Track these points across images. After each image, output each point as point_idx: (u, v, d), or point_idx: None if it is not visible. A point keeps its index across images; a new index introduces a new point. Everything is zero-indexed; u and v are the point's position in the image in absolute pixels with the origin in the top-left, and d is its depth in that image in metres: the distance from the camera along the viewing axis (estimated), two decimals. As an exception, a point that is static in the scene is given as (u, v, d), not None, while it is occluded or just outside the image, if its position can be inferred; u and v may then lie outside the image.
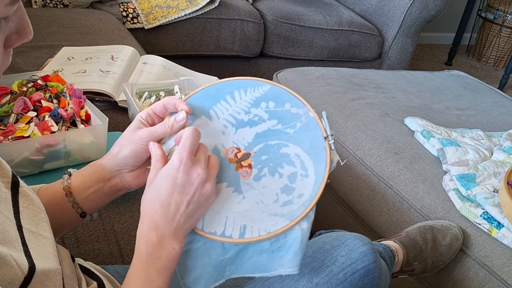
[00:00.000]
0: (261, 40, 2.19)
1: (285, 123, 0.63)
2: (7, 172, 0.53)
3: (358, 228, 1.38)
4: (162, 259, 0.54)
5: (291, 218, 0.59)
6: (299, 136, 0.62)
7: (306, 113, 0.63)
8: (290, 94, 0.64)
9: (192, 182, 0.55)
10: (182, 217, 0.55)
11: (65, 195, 0.62)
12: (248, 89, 0.65)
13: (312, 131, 0.62)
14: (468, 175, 1.16)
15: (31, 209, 0.53)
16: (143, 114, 0.62)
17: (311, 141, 0.62)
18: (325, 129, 0.62)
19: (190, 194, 0.56)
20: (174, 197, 0.55)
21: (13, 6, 0.39)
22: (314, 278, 0.75)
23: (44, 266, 0.47)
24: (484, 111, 1.62)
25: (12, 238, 0.46)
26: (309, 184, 0.60)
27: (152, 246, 0.53)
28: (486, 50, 3.54)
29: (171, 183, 0.55)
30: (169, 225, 0.55)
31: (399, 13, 2.30)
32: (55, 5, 1.89)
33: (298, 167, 0.61)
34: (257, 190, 0.60)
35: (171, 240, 0.54)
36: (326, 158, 0.61)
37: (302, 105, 0.64)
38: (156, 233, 0.54)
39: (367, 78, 1.71)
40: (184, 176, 0.55)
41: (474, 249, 1.06)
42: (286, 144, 0.62)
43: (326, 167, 0.60)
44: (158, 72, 1.35)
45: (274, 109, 0.64)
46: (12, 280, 0.41)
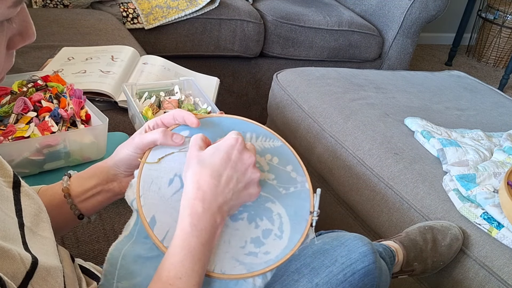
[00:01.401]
0: (261, 40, 2.19)
1: (280, 182, 0.63)
2: (8, 171, 0.53)
3: (358, 229, 1.38)
4: (206, 232, 0.53)
5: (249, 270, 0.58)
6: (288, 200, 0.62)
7: (303, 182, 0.64)
8: (295, 159, 0.65)
9: (244, 162, 0.56)
10: (230, 192, 0.55)
11: (63, 196, 0.62)
12: (261, 137, 0.65)
13: (301, 201, 0.62)
14: (468, 175, 1.16)
15: (33, 208, 0.53)
16: (151, 123, 0.62)
17: (296, 209, 0.62)
18: (314, 205, 0.62)
19: (241, 172, 0.56)
20: (227, 170, 0.55)
21: (16, 8, 0.39)
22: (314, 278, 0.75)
23: (46, 262, 0.47)
24: (484, 111, 1.62)
25: (14, 236, 0.46)
26: (279, 246, 0.59)
27: (197, 217, 0.52)
28: (486, 51, 3.54)
29: (225, 156, 0.55)
30: (217, 197, 0.54)
31: (399, 14, 2.30)
32: (55, 5, 1.89)
33: (276, 226, 0.61)
34: (229, 230, 0.60)
35: (215, 213, 0.54)
36: (304, 230, 0.61)
37: (303, 173, 0.64)
38: (203, 204, 0.53)
39: (367, 79, 1.71)
40: (238, 154, 0.56)
41: (474, 249, 1.06)
42: (274, 201, 0.62)
43: (300, 238, 0.60)
44: (158, 73, 1.35)
45: (276, 166, 0.64)
46: (14, 274, 0.41)
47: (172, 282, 0.50)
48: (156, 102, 1.14)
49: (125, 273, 0.57)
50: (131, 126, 1.18)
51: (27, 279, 0.43)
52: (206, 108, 1.14)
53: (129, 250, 0.58)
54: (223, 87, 2.22)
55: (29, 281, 0.43)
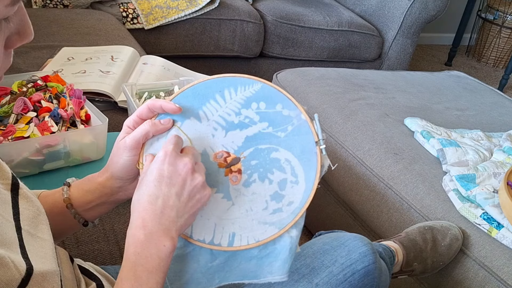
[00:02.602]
0: (261, 40, 2.19)
1: (276, 126, 0.61)
2: (7, 174, 0.53)
3: (358, 229, 1.38)
4: (152, 258, 0.50)
5: (280, 227, 0.58)
6: (290, 140, 0.61)
7: (297, 115, 0.61)
8: (282, 94, 0.62)
9: (179, 173, 0.53)
10: (173, 210, 0.52)
11: (66, 206, 0.62)
12: (238, 87, 0.61)
13: (303, 135, 0.61)
14: (468, 175, 1.16)
15: (31, 210, 0.53)
16: (130, 122, 0.59)
17: (302, 146, 0.60)
18: (317, 133, 0.61)
19: (179, 185, 0.53)
20: (162, 189, 0.52)
21: (13, 7, 0.39)
22: (314, 279, 0.75)
23: (42, 267, 0.46)
24: (483, 111, 1.62)
25: (10, 240, 0.46)
26: (299, 191, 0.59)
27: (140, 245, 0.50)
28: (486, 51, 3.54)
29: (157, 175, 0.52)
30: (158, 220, 0.51)
31: (399, 14, 2.30)
32: (55, 5, 1.89)
33: (289, 173, 0.60)
34: (246, 197, 0.59)
35: (161, 237, 0.51)
36: (316, 164, 0.60)
37: (294, 106, 0.61)
38: (144, 231, 0.51)
39: (367, 79, 1.71)
40: (170, 166, 0.53)
41: (474, 249, 1.06)
42: (277, 148, 0.61)
43: (316, 173, 0.59)
44: (158, 73, 1.35)
45: (265, 111, 0.61)
46: (9, 282, 0.41)
47: None
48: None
49: (173, 275, 0.58)
50: (131, 126, 1.17)
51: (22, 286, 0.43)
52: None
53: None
54: (223, 87, 2.22)
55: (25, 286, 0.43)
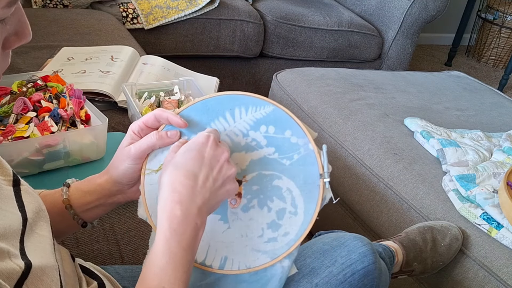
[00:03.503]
0: (261, 40, 2.19)
1: (282, 152, 0.59)
2: (8, 170, 0.53)
3: (357, 229, 1.38)
4: (187, 236, 0.50)
5: (273, 257, 0.57)
6: (295, 169, 0.59)
7: (305, 144, 0.59)
8: (292, 120, 0.60)
9: (218, 159, 0.54)
10: (207, 192, 0.52)
11: (65, 207, 0.62)
12: (250, 107, 0.60)
13: (308, 166, 0.59)
14: (467, 175, 1.16)
15: (34, 204, 0.53)
16: (135, 127, 0.59)
17: (305, 177, 0.59)
18: (323, 165, 0.59)
19: (216, 170, 0.53)
20: (201, 169, 0.52)
21: (10, 9, 0.38)
22: (314, 279, 0.75)
23: (40, 262, 0.47)
24: (483, 111, 1.62)
25: (14, 233, 0.46)
26: (296, 223, 0.58)
27: (176, 221, 0.50)
28: (485, 51, 3.54)
29: (198, 155, 0.53)
30: (194, 198, 0.51)
31: (399, 14, 2.30)
32: (55, 5, 1.89)
33: (288, 203, 0.58)
34: (243, 222, 0.58)
35: (195, 215, 0.51)
36: (318, 197, 0.58)
37: (303, 134, 0.59)
38: (181, 206, 0.50)
39: (366, 79, 1.71)
40: (211, 151, 0.54)
41: (474, 249, 1.06)
42: (280, 176, 0.59)
43: (316, 207, 0.58)
44: (158, 73, 1.35)
45: (274, 136, 0.60)
46: (10, 275, 0.41)
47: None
48: (155, 102, 1.14)
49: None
50: (130, 126, 1.18)
51: (22, 279, 0.43)
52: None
53: None
54: (223, 87, 2.21)
55: (24, 281, 0.43)
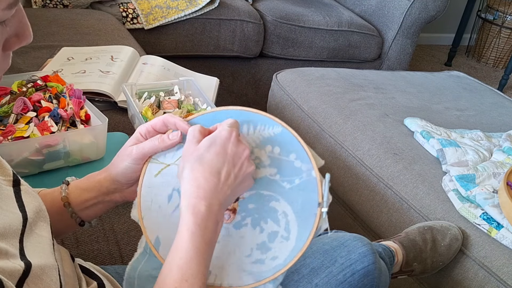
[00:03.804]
0: (261, 40, 2.19)
1: (284, 175, 0.58)
2: (8, 170, 0.53)
3: (357, 229, 1.38)
4: (209, 231, 0.51)
5: (257, 279, 0.56)
6: (294, 194, 0.57)
7: (309, 170, 0.58)
8: (299, 144, 0.59)
9: (240, 156, 0.54)
10: (229, 189, 0.53)
11: (63, 205, 0.62)
12: (258, 125, 0.60)
13: (308, 192, 0.57)
14: (467, 175, 1.16)
15: (34, 204, 0.53)
16: (143, 129, 0.60)
17: (303, 203, 0.57)
18: (323, 194, 0.57)
19: (238, 166, 0.54)
20: (225, 166, 0.53)
21: (10, 11, 0.38)
22: (314, 279, 0.75)
23: (40, 262, 0.47)
24: (483, 111, 1.62)
25: (15, 232, 0.46)
26: (287, 248, 0.56)
27: (200, 216, 0.51)
28: (485, 51, 3.54)
29: (222, 151, 0.53)
30: (217, 195, 0.52)
31: (398, 14, 2.30)
32: (55, 5, 1.89)
33: (282, 227, 0.57)
34: (233, 239, 0.57)
35: (218, 211, 0.52)
36: (313, 225, 0.56)
37: (308, 160, 0.58)
38: (205, 202, 0.51)
39: (366, 79, 1.71)
40: (234, 147, 0.54)
41: (474, 249, 1.06)
42: (278, 198, 0.58)
43: (310, 235, 0.56)
44: (157, 73, 1.35)
45: (278, 157, 0.59)
46: (12, 273, 0.42)
47: (178, 285, 0.48)
48: (155, 102, 1.14)
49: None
50: (130, 126, 1.18)
51: (24, 278, 0.43)
52: (206, 108, 1.14)
53: (143, 269, 0.58)
54: (222, 87, 2.22)
55: (25, 280, 0.43)
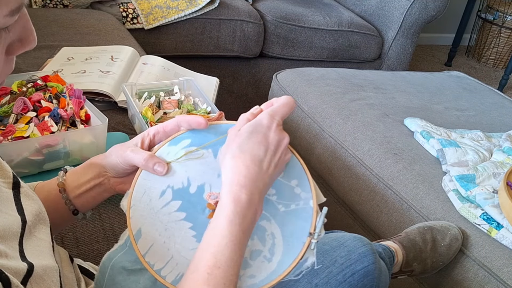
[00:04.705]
0: (261, 40, 2.19)
1: (281, 198, 0.58)
2: (8, 172, 0.53)
3: (357, 229, 1.38)
4: (247, 220, 0.50)
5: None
6: (287, 218, 0.57)
7: (307, 199, 0.58)
8: (303, 172, 0.59)
9: (280, 145, 0.54)
10: (268, 178, 0.52)
11: (59, 191, 0.62)
12: None
13: (301, 221, 0.56)
14: (467, 176, 1.16)
15: (34, 207, 0.53)
16: (152, 130, 0.60)
17: (294, 230, 0.56)
18: (316, 226, 0.56)
19: (278, 155, 0.53)
20: (266, 155, 0.52)
21: (12, 17, 0.38)
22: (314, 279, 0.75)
23: (40, 262, 0.47)
24: (483, 112, 1.62)
25: (14, 235, 0.46)
26: (266, 270, 0.55)
27: (240, 205, 0.50)
28: (485, 51, 3.54)
29: (264, 140, 0.53)
30: (258, 184, 0.51)
31: (398, 14, 2.30)
32: (55, 5, 1.89)
33: (267, 247, 0.56)
34: None
35: (257, 201, 0.51)
36: (298, 254, 0.55)
37: (309, 189, 0.58)
38: (246, 190, 0.50)
39: (366, 79, 1.71)
40: (276, 136, 0.53)
41: (474, 249, 1.06)
42: (270, 219, 0.57)
43: (292, 262, 0.55)
44: (157, 73, 1.35)
45: (279, 179, 0.58)
46: (17, 270, 0.42)
47: (210, 271, 0.48)
48: (155, 102, 1.14)
49: (111, 284, 0.57)
50: (130, 126, 1.18)
51: (28, 277, 0.43)
52: (206, 108, 1.14)
53: (118, 260, 0.57)
54: (222, 87, 2.22)
55: (28, 279, 0.43)
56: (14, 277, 0.40)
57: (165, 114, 1.11)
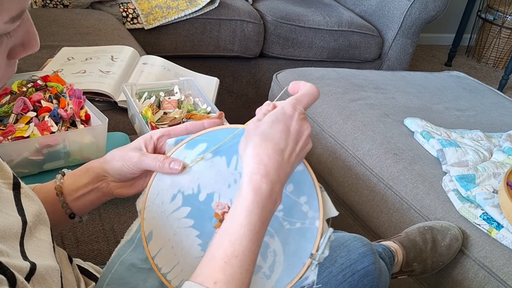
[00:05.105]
0: (261, 40, 2.19)
1: (288, 215, 0.57)
2: (8, 173, 0.53)
3: (357, 229, 1.38)
4: (266, 210, 0.50)
5: None
6: (291, 237, 0.56)
7: (313, 218, 0.56)
8: (314, 190, 0.57)
9: (301, 134, 0.53)
10: (290, 167, 0.52)
11: (56, 194, 0.62)
12: None
13: (305, 240, 0.56)
14: (467, 176, 1.16)
15: (34, 208, 0.53)
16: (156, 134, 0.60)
17: (297, 249, 0.56)
18: (319, 247, 0.55)
19: (300, 145, 0.53)
20: (288, 144, 0.52)
21: (13, 24, 0.38)
22: (314, 279, 0.75)
23: (42, 263, 0.47)
24: (483, 112, 1.62)
25: (15, 235, 0.46)
26: (263, 286, 0.55)
27: (260, 195, 0.49)
28: (485, 51, 3.54)
29: (285, 129, 0.52)
30: (279, 173, 0.51)
31: (399, 14, 2.30)
32: (55, 5, 1.89)
33: (267, 264, 0.56)
34: None
35: (278, 191, 0.51)
36: (297, 274, 0.55)
37: (317, 208, 0.57)
38: (267, 180, 0.50)
39: (367, 79, 1.71)
40: (297, 125, 0.53)
41: (474, 249, 1.06)
42: (273, 235, 0.56)
43: (290, 283, 0.54)
44: (158, 73, 1.35)
45: (288, 195, 0.57)
46: (20, 268, 0.42)
47: (227, 260, 0.48)
48: (155, 102, 1.14)
49: (116, 278, 0.57)
50: (130, 126, 1.18)
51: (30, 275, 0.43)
52: (206, 108, 1.14)
53: (128, 258, 0.58)
54: (222, 87, 2.22)
55: (31, 277, 0.43)
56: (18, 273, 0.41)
57: (165, 114, 1.11)
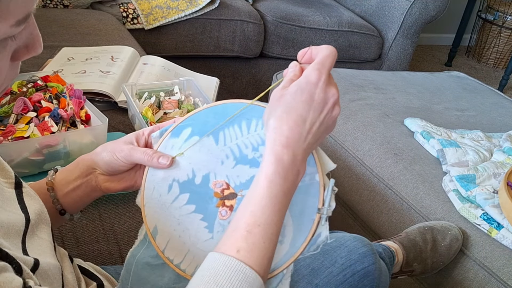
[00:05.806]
0: (261, 40, 2.19)
1: None
2: (9, 173, 0.53)
3: (357, 229, 1.38)
4: (288, 181, 0.50)
5: None
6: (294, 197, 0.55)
7: (312, 173, 0.56)
8: None
9: (326, 101, 0.51)
10: (313, 137, 0.51)
11: (47, 190, 0.62)
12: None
13: (309, 197, 0.55)
14: (467, 176, 1.16)
15: (36, 207, 0.53)
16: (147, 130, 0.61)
17: (303, 208, 0.55)
18: (324, 200, 0.55)
19: (324, 114, 0.51)
20: (310, 114, 0.51)
21: (19, 27, 0.38)
22: (314, 279, 0.75)
23: (44, 260, 0.47)
24: (484, 112, 1.62)
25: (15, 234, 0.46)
26: (279, 252, 0.55)
27: (282, 165, 0.49)
28: (486, 51, 3.54)
29: (308, 98, 0.51)
30: (301, 144, 0.50)
31: (399, 14, 2.30)
32: (55, 5, 1.89)
33: None
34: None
35: (300, 162, 0.50)
36: (309, 232, 0.55)
37: (314, 163, 0.56)
38: (288, 151, 0.49)
39: (367, 79, 1.71)
40: (322, 93, 0.51)
41: (474, 250, 1.06)
42: None
43: (304, 241, 0.54)
44: (158, 73, 1.35)
45: None
46: (25, 261, 0.43)
47: (250, 229, 0.48)
48: (156, 102, 1.14)
49: (137, 280, 0.57)
50: (130, 126, 1.18)
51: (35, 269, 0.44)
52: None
53: (141, 257, 0.58)
54: (223, 87, 2.22)
55: (35, 271, 0.44)
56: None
57: (165, 114, 1.11)
